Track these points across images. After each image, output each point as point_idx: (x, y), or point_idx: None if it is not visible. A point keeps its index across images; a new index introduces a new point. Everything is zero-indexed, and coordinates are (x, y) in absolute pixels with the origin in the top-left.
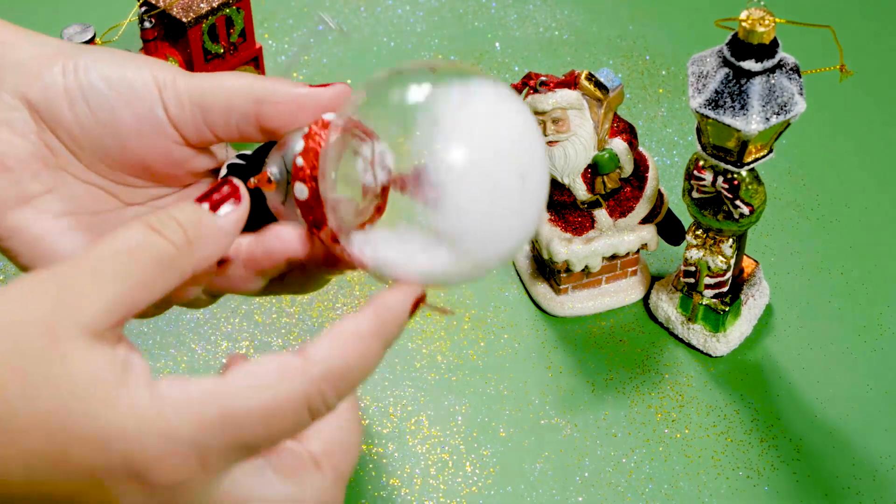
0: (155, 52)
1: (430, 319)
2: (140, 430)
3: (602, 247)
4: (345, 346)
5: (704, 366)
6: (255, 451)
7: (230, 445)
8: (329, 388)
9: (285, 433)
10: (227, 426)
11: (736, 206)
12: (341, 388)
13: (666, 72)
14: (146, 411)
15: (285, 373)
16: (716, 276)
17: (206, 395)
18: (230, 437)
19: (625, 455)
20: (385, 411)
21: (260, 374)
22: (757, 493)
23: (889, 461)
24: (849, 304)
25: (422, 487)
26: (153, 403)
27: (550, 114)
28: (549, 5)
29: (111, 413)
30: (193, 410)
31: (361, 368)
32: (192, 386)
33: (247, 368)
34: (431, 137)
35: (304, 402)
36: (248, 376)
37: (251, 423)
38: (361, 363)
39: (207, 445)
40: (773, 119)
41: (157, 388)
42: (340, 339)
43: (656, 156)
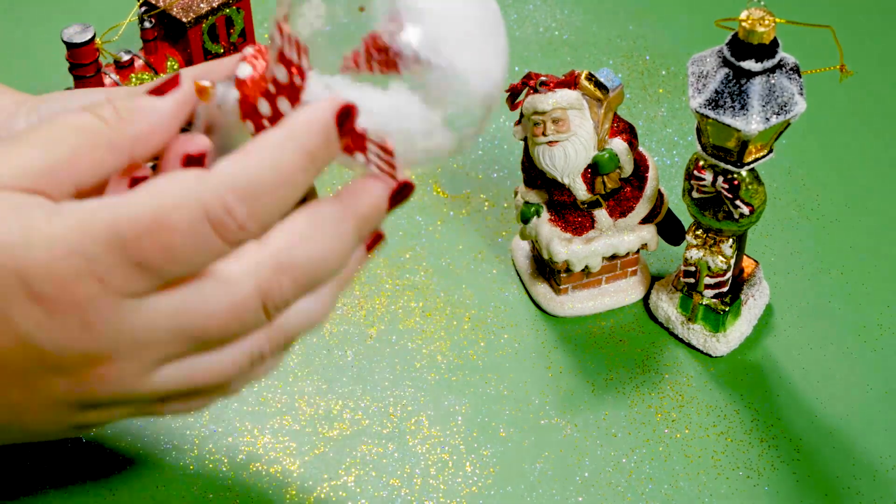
0: (155, 52)
1: (430, 319)
2: (27, 240)
3: (602, 247)
4: (252, 155)
5: (704, 366)
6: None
7: (120, 258)
8: (234, 198)
9: (182, 250)
10: (113, 234)
11: (736, 206)
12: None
13: (666, 72)
14: (39, 227)
15: (180, 180)
16: (716, 276)
17: (98, 205)
18: (118, 247)
19: (625, 455)
20: (385, 411)
21: (153, 184)
22: (757, 493)
23: (889, 461)
24: (849, 304)
25: (422, 487)
26: (45, 217)
27: (550, 114)
28: (549, 5)
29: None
30: (80, 219)
31: (274, 176)
32: (90, 201)
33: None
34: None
35: (199, 211)
36: (143, 187)
37: (139, 232)
38: (274, 171)
39: (94, 255)
40: (773, 119)
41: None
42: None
43: (656, 156)
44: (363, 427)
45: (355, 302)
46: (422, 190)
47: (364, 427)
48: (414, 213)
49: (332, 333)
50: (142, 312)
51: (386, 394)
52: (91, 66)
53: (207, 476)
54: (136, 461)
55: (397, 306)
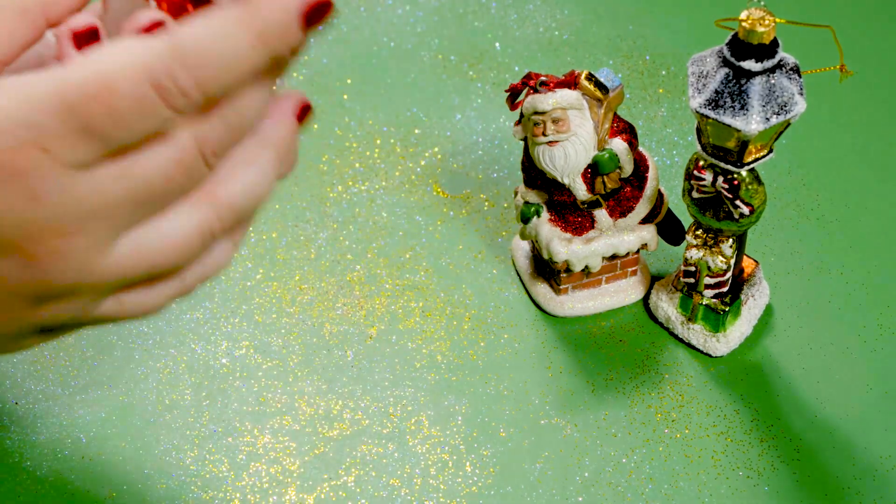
0: None
1: (430, 319)
2: None
3: (602, 247)
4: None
5: (704, 366)
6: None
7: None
8: (177, 64)
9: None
10: (58, 101)
11: (736, 206)
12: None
13: (666, 72)
14: None
15: (126, 45)
16: (716, 276)
17: (41, 74)
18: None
19: (625, 455)
20: (385, 411)
21: (98, 50)
22: (757, 493)
23: (889, 461)
24: (849, 304)
25: (422, 487)
26: None
27: (550, 114)
28: (549, 5)
29: None
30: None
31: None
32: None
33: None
34: None
35: (144, 75)
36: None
37: (86, 98)
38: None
39: (37, 124)
40: (773, 119)
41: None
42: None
43: (656, 156)
44: (363, 427)
45: (355, 302)
46: (422, 190)
47: (364, 427)
48: (414, 213)
49: (332, 333)
50: (89, 180)
51: (386, 394)
52: None
53: (207, 476)
54: (135, 461)
55: (397, 306)
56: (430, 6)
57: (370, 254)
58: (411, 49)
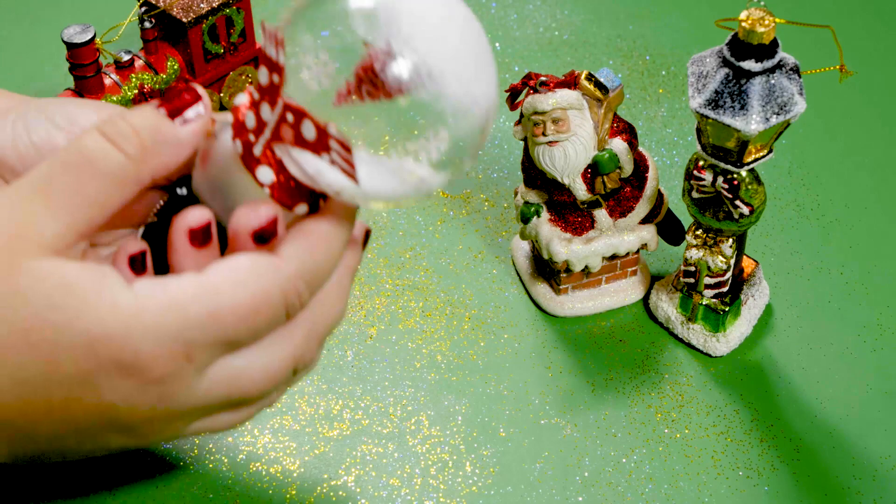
0: (155, 53)
1: (430, 319)
2: (127, 330)
3: (602, 247)
4: (313, 248)
5: (704, 366)
6: (236, 345)
7: (215, 341)
8: (302, 284)
9: (265, 329)
10: (212, 322)
11: (736, 206)
12: (313, 284)
13: (666, 72)
14: (129, 311)
15: (263, 270)
16: (716, 276)
17: (191, 293)
18: (214, 333)
19: (625, 455)
20: (385, 411)
21: (239, 271)
22: (757, 493)
23: (889, 461)
24: (849, 304)
25: (422, 487)
26: (136, 303)
27: (550, 114)
28: (549, 5)
29: (93, 316)
30: (179, 307)
31: (329, 263)
32: (174, 285)
33: (224, 266)
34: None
35: (281, 299)
36: (227, 273)
37: (235, 319)
38: (328, 259)
39: (193, 341)
40: (773, 119)
41: (137, 288)
42: (309, 242)
43: (656, 156)
44: (363, 427)
45: (355, 302)
46: None
47: (364, 427)
48: (414, 213)
49: (333, 333)
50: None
51: (386, 394)
52: (91, 66)
53: (207, 476)
54: (135, 461)
55: (397, 306)
56: None
57: (370, 254)
58: None
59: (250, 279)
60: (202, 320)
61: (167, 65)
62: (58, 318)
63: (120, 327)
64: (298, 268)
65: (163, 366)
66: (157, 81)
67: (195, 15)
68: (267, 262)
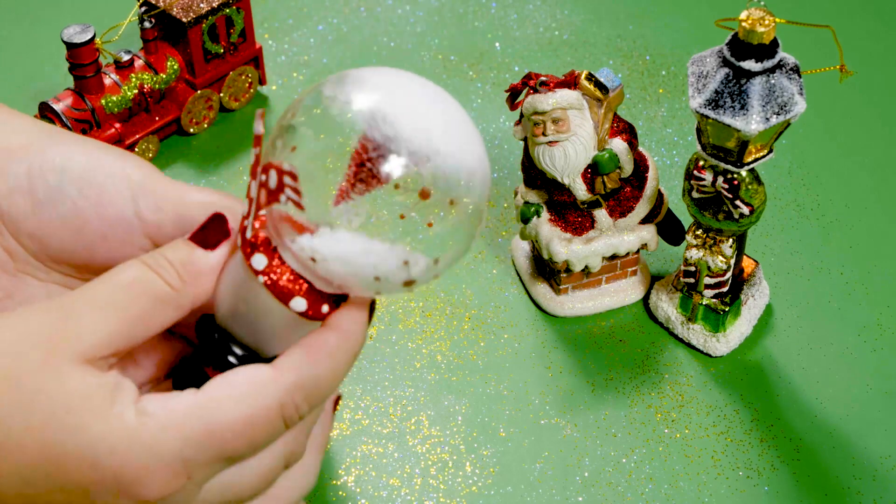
0: (155, 52)
1: (430, 319)
2: (129, 447)
3: (602, 247)
4: (314, 360)
5: (704, 366)
6: (235, 462)
7: (214, 457)
8: (301, 396)
9: (263, 442)
10: (210, 440)
11: (736, 206)
12: (312, 398)
13: (666, 72)
14: (133, 428)
15: (260, 383)
16: (716, 276)
17: (189, 411)
18: (214, 449)
19: (625, 455)
20: (385, 411)
21: (236, 386)
22: (757, 493)
23: (889, 461)
24: (849, 304)
25: (422, 487)
26: (140, 420)
27: (550, 114)
28: (549, 5)
29: (102, 429)
30: (177, 426)
31: (331, 380)
32: (174, 402)
33: (222, 381)
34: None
35: (278, 411)
36: (225, 389)
37: (233, 435)
38: (331, 375)
39: (193, 459)
40: (773, 119)
41: (143, 405)
42: (310, 354)
43: (656, 156)
44: (363, 427)
45: None
46: None
47: (364, 427)
48: None
49: None
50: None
51: (386, 394)
52: (91, 65)
53: None
54: None
55: (397, 306)
56: (430, 6)
57: None
58: (411, 49)
59: (248, 395)
60: (200, 439)
61: (167, 65)
62: (71, 423)
63: (122, 443)
64: (297, 380)
65: (161, 485)
66: (156, 81)
67: (195, 15)
68: (265, 375)
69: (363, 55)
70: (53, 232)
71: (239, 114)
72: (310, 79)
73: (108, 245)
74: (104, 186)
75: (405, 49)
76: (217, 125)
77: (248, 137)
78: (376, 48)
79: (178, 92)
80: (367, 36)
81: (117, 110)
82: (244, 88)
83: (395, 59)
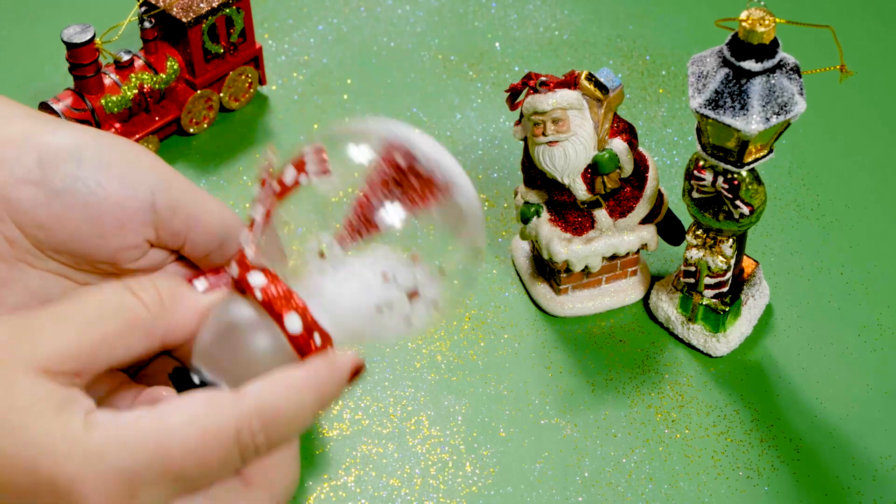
0: (155, 52)
1: None
2: (69, 453)
3: (602, 247)
4: (277, 389)
5: (704, 366)
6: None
7: (160, 476)
8: (259, 425)
9: (217, 469)
10: (158, 456)
11: (736, 206)
12: (271, 430)
13: (666, 72)
14: (76, 435)
15: (218, 405)
16: (716, 276)
17: (140, 424)
18: (161, 467)
19: (625, 455)
20: (385, 411)
21: (192, 404)
22: (757, 493)
23: (889, 461)
24: (849, 304)
25: (422, 487)
26: (85, 429)
27: (550, 114)
28: (549, 5)
29: (43, 432)
30: (124, 438)
31: (293, 415)
32: (125, 416)
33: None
34: None
35: (234, 436)
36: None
37: (182, 454)
38: (293, 409)
39: (136, 473)
40: (773, 119)
41: (93, 416)
42: (274, 383)
43: (656, 156)
44: (363, 427)
45: None
46: None
47: (364, 427)
48: None
49: None
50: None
51: (386, 394)
52: (91, 66)
53: None
54: None
55: None
56: (430, 6)
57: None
58: (411, 49)
59: (203, 414)
60: (147, 453)
61: (167, 65)
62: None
63: (63, 449)
64: (256, 406)
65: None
66: (156, 81)
67: (195, 15)
68: (224, 397)
69: (363, 55)
70: (67, 221)
71: (239, 114)
72: (310, 79)
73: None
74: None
75: (405, 49)
76: (217, 125)
77: (248, 137)
78: (376, 48)
79: (178, 92)
80: (367, 36)
81: (117, 110)
82: (244, 88)
83: (395, 59)
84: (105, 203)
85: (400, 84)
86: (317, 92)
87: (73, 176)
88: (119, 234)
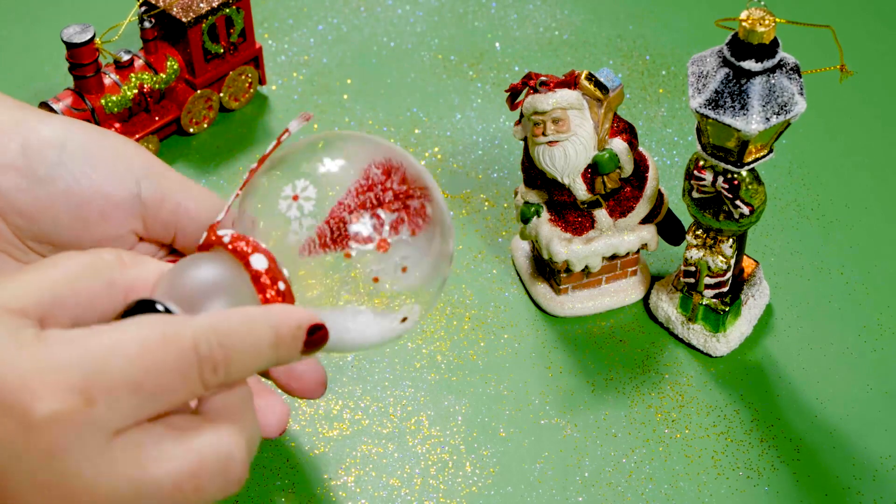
0: (155, 52)
1: (430, 319)
2: (17, 358)
3: (602, 247)
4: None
5: (704, 366)
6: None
7: (118, 382)
8: (216, 340)
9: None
10: (111, 357)
11: (736, 206)
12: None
13: (666, 72)
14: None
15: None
16: (716, 276)
17: (94, 330)
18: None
19: (625, 455)
20: (385, 411)
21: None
22: (757, 493)
23: (889, 461)
24: (849, 304)
25: (422, 487)
26: (35, 338)
27: (550, 114)
28: (549, 5)
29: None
30: (77, 341)
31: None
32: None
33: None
34: None
35: (191, 343)
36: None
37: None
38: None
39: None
40: (773, 119)
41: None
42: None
43: (656, 156)
44: (363, 427)
45: None
46: None
47: (364, 427)
48: None
49: None
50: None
51: (386, 394)
52: (91, 65)
53: None
54: None
55: None
56: (430, 6)
57: None
58: (411, 49)
59: (160, 322)
60: (103, 354)
61: (167, 65)
62: None
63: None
64: (211, 323)
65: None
66: (156, 81)
67: (195, 15)
68: (179, 316)
69: (363, 55)
70: (49, 208)
71: (239, 114)
72: (309, 79)
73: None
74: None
75: (405, 49)
76: (217, 125)
77: (248, 137)
78: (376, 48)
79: (178, 92)
80: (367, 36)
81: (117, 110)
82: (244, 88)
83: (395, 59)
84: (88, 192)
85: (400, 84)
86: (317, 92)
87: (57, 163)
88: (102, 223)
